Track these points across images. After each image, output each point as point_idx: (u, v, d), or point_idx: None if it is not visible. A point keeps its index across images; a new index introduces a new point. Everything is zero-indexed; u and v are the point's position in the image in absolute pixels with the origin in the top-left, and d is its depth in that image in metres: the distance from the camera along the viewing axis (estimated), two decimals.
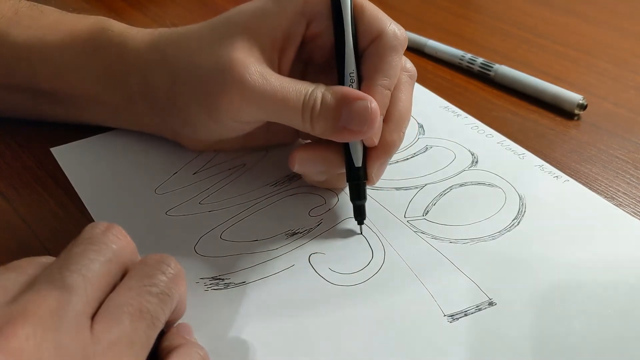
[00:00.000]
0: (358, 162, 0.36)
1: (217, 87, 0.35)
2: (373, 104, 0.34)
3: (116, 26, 0.41)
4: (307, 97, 0.34)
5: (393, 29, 0.36)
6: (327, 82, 0.36)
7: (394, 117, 0.36)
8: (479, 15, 0.66)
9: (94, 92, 0.41)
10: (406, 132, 0.37)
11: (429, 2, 0.68)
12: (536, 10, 0.66)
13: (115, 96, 0.41)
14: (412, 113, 0.38)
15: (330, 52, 0.37)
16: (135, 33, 0.40)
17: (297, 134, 0.42)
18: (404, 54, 0.37)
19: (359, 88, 0.36)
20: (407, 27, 0.35)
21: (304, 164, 0.37)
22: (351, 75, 0.36)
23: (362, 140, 0.36)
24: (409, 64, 0.38)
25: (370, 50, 0.36)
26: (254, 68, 0.34)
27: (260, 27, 0.36)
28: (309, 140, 0.42)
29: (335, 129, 0.34)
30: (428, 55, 0.57)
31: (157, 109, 0.40)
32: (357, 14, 0.36)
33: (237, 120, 0.36)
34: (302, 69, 0.39)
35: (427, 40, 0.56)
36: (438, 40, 0.56)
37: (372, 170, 0.36)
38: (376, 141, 0.36)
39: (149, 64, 0.39)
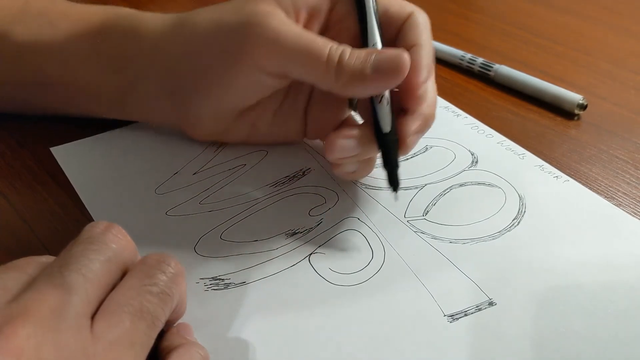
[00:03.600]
0: (386, 127, 0.35)
1: (241, 37, 0.36)
2: (405, 53, 0.34)
3: (127, 9, 0.42)
4: (335, 47, 0.34)
5: (419, 10, 0.38)
6: None
7: (428, 96, 0.36)
8: (479, 15, 0.66)
9: (101, 78, 0.41)
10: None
11: (429, 2, 0.68)
12: (536, 10, 0.66)
13: (123, 79, 0.41)
14: None
15: (352, 40, 0.36)
16: (145, 14, 0.41)
17: (304, 132, 0.42)
18: None
19: None
20: None
21: (336, 145, 0.36)
22: (374, 47, 0.36)
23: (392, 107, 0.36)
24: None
25: (404, 31, 0.37)
26: (279, 16, 0.35)
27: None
28: (318, 140, 0.42)
29: (362, 77, 0.34)
30: None
31: (166, 88, 0.40)
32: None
33: (262, 70, 0.36)
34: None
35: None
36: (438, 40, 0.56)
37: (407, 135, 0.35)
38: (415, 106, 0.36)
39: (163, 38, 0.39)
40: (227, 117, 0.40)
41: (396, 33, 0.37)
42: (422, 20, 0.37)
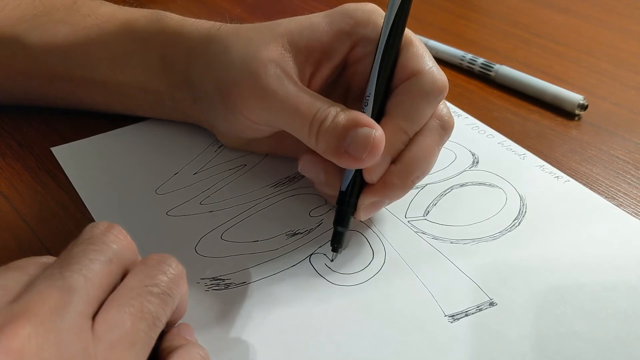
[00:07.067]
0: (344, 186, 0.35)
1: (235, 81, 0.36)
2: (378, 133, 0.32)
3: (174, 16, 0.42)
4: (321, 111, 0.33)
5: (432, 72, 0.35)
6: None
7: (403, 161, 0.34)
8: (479, 15, 0.66)
9: (143, 79, 0.42)
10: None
11: (429, 2, 0.68)
12: (536, 10, 0.66)
13: (162, 82, 0.42)
14: None
15: (366, 81, 0.36)
16: (192, 22, 0.41)
17: None
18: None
19: (375, 115, 0.34)
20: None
21: (306, 166, 0.37)
22: (367, 98, 0.35)
23: (362, 172, 0.34)
24: (445, 112, 0.36)
25: (401, 88, 0.35)
26: (273, 70, 0.35)
27: (300, 36, 0.36)
28: None
29: (336, 149, 0.33)
30: None
31: (195, 98, 0.41)
32: (402, 48, 0.35)
33: (248, 118, 0.37)
34: (342, 95, 0.39)
35: (427, 41, 0.56)
36: (438, 40, 0.56)
37: (361, 204, 0.34)
38: (374, 178, 0.34)
39: (195, 51, 0.40)
40: (242, 139, 0.41)
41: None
42: (425, 86, 0.34)
